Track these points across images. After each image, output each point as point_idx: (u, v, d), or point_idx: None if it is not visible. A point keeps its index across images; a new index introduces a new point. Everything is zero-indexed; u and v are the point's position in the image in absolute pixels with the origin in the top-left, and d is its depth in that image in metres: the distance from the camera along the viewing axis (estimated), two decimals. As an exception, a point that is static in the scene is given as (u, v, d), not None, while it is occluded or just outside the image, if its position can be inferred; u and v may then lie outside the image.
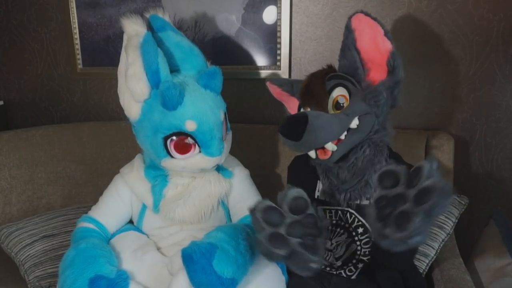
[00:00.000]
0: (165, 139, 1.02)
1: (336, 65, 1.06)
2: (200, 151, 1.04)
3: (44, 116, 1.95)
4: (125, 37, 1.09)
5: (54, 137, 1.62)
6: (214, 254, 0.93)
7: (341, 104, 0.96)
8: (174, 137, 1.02)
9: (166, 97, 0.97)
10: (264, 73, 1.60)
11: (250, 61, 1.61)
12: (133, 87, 1.00)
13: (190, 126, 1.00)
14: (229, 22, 1.60)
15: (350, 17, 0.98)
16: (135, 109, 1.04)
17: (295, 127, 0.91)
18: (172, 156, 1.04)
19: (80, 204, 1.54)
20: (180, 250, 0.95)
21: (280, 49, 1.56)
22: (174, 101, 0.98)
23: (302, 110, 1.02)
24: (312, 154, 0.99)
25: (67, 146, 1.63)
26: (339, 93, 0.96)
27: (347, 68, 1.00)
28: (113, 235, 1.16)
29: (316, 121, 0.90)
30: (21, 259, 1.26)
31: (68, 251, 1.05)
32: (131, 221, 1.22)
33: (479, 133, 1.47)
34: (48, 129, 1.64)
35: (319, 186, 1.10)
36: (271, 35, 1.57)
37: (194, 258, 0.92)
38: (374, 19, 0.94)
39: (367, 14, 0.95)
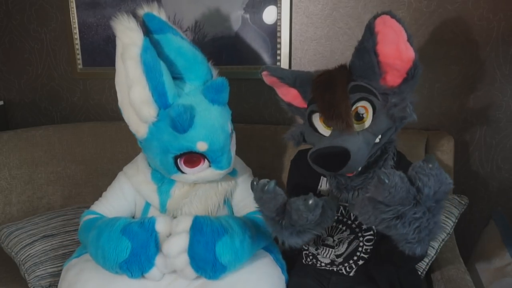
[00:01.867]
0: (175, 158, 1.01)
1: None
2: (210, 166, 1.04)
3: (44, 116, 1.95)
4: (118, 43, 1.00)
5: (54, 137, 1.62)
6: (222, 237, 0.95)
7: (361, 115, 0.92)
8: (183, 155, 1.01)
9: (178, 123, 0.94)
10: (264, 73, 1.60)
11: (250, 61, 1.61)
12: (138, 109, 0.96)
13: (201, 147, 0.99)
14: (229, 22, 1.60)
15: (374, 18, 0.89)
16: (142, 128, 1.01)
17: (335, 163, 0.88)
18: (182, 172, 1.04)
19: (80, 204, 1.54)
20: (193, 215, 0.98)
21: (280, 49, 1.56)
22: (186, 126, 0.96)
23: (316, 118, 0.98)
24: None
25: (67, 146, 1.63)
26: (359, 105, 0.93)
27: (362, 71, 0.94)
28: None
29: (356, 156, 0.87)
30: (21, 259, 1.26)
31: (88, 239, 1.04)
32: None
33: (479, 133, 1.47)
34: (48, 129, 1.64)
35: (322, 182, 1.09)
36: (271, 35, 1.57)
37: (204, 229, 0.94)
38: (399, 21, 0.87)
39: (393, 16, 0.87)
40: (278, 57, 1.57)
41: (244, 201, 1.16)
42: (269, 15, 1.55)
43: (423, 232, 0.76)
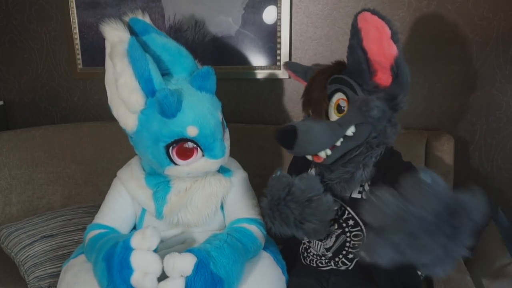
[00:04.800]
0: (167, 147, 1.00)
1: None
2: (203, 155, 1.03)
3: (44, 116, 1.95)
4: (107, 44, 1.04)
5: (54, 137, 1.62)
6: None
7: (343, 108, 0.96)
8: (174, 144, 1.00)
9: (165, 105, 0.94)
10: (264, 73, 1.60)
11: (250, 61, 1.61)
12: (127, 98, 0.97)
13: (191, 131, 0.98)
14: (229, 22, 1.60)
15: (356, 15, 0.91)
16: (132, 120, 1.01)
17: (286, 140, 0.97)
18: (175, 164, 1.03)
19: (80, 204, 1.54)
20: (186, 262, 0.91)
21: (280, 49, 1.56)
22: (173, 109, 0.95)
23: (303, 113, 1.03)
24: (308, 157, 1.03)
25: (67, 146, 1.63)
26: (340, 97, 0.96)
27: (353, 67, 0.97)
28: None
29: (304, 136, 0.95)
30: (21, 260, 1.26)
31: (92, 260, 1.02)
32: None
33: (479, 133, 1.47)
34: (48, 129, 1.64)
35: (311, 171, 1.11)
36: (271, 35, 1.57)
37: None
38: (383, 18, 0.86)
39: (374, 13, 0.87)
40: (278, 57, 1.57)
41: (235, 206, 1.13)
42: (269, 15, 1.55)
43: (437, 251, 0.69)
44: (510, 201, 1.50)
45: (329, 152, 0.98)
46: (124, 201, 1.14)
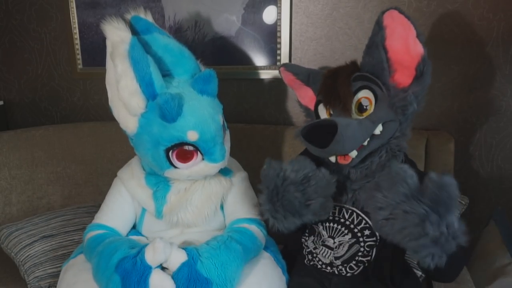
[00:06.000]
0: (167, 151, 1.00)
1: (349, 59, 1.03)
2: (203, 159, 1.03)
3: (44, 116, 1.95)
4: (108, 43, 1.03)
5: (54, 137, 1.62)
6: None
7: (364, 107, 0.93)
8: (174, 148, 1.00)
9: (165, 110, 0.94)
10: (264, 73, 1.60)
11: (250, 61, 1.61)
12: (127, 101, 0.97)
13: (192, 136, 0.98)
14: (229, 22, 1.60)
15: (382, 13, 0.90)
16: (132, 122, 1.01)
17: (323, 136, 0.89)
18: (175, 167, 1.03)
19: (80, 204, 1.54)
20: (182, 261, 0.93)
21: (280, 49, 1.56)
22: (174, 113, 0.95)
23: (321, 108, 1.00)
24: (332, 159, 0.98)
25: (67, 146, 1.63)
26: (364, 95, 0.94)
27: (372, 67, 0.94)
28: None
29: (345, 131, 0.87)
30: (21, 260, 1.26)
31: (92, 266, 1.00)
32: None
33: (479, 133, 1.47)
34: (48, 129, 1.64)
35: None
36: (271, 35, 1.57)
37: None
38: (408, 18, 0.87)
39: (401, 12, 0.88)
40: (278, 57, 1.57)
41: (235, 206, 1.13)
42: (269, 15, 1.55)
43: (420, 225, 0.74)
44: (510, 201, 1.50)
45: (356, 153, 0.95)
46: (124, 200, 1.14)
